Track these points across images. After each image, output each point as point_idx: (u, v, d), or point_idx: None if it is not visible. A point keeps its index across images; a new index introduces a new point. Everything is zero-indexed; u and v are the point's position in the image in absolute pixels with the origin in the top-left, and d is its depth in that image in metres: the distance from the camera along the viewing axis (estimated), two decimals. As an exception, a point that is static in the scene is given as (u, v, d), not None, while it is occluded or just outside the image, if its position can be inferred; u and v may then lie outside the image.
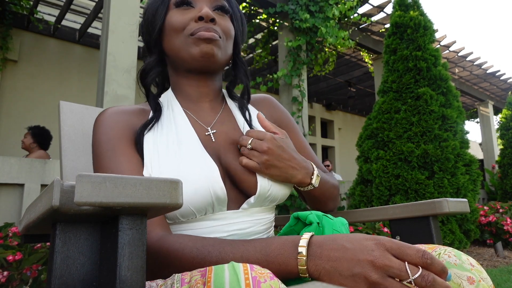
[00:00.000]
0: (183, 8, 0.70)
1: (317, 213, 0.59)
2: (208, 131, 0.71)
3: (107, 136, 0.65)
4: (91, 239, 0.41)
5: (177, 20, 0.69)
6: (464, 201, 0.85)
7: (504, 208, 4.65)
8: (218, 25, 0.70)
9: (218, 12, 0.72)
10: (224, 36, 0.71)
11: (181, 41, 0.69)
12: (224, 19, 0.72)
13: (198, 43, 0.67)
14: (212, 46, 0.67)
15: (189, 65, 0.71)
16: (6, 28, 4.56)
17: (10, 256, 1.77)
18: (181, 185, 0.38)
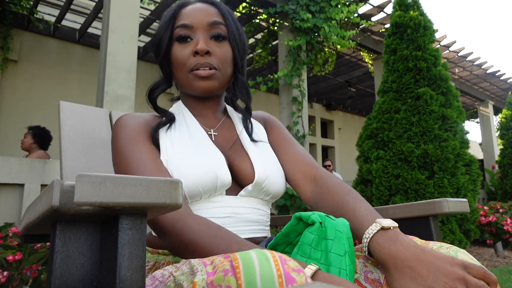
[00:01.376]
0: (183, 41, 0.77)
1: (319, 213, 0.59)
2: (211, 131, 0.80)
3: (127, 131, 0.74)
4: (91, 239, 0.41)
5: (179, 56, 0.76)
6: (464, 201, 0.85)
7: (504, 208, 4.65)
8: (214, 54, 0.76)
9: (216, 40, 0.77)
10: (221, 64, 0.76)
11: (184, 76, 0.77)
12: (221, 46, 0.77)
13: (197, 80, 0.75)
14: (210, 82, 0.75)
15: (192, 94, 0.80)
16: (6, 28, 4.56)
17: (10, 256, 1.77)
18: (181, 185, 0.38)
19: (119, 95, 2.74)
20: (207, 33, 0.76)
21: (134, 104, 2.82)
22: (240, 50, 0.80)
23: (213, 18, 0.77)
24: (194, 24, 0.76)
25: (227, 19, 0.79)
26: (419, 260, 0.51)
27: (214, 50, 0.76)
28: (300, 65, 4.30)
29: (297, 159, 0.82)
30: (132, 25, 2.91)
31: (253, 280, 0.40)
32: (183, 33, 0.76)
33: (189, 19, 0.76)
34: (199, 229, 0.59)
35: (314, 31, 4.35)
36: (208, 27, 0.76)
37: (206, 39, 0.76)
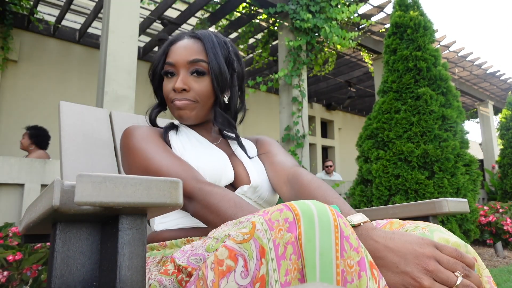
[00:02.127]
0: (168, 77, 0.87)
1: None
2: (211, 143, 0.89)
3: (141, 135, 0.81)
4: (91, 239, 0.41)
5: (164, 90, 0.88)
6: (464, 201, 0.85)
7: (504, 208, 4.65)
8: (192, 90, 0.84)
9: (194, 76, 0.85)
10: (199, 97, 0.84)
11: (168, 105, 0.89)
12: (200, 82, 0.84)
13: (175, 109, 0.86)
14: (186, 111, 0.85)
15: None
16: (6, 28, 4.56)
17: (10, 256, 1.77)
18: (181, 185, 0.38)
19: (119, 95, 2.74)
20: (187, 70, 0.85)
21: (134, 104, 2.82)
22: (220, 83, 0.85)
23: (193, 56, 0.84)
24: (176, 62, 0.85)
25: (209, 54, 0.85)
26: (388, 248, 0.52)
27: (192, 86, 0.84)
28: (300, 65, 4.30)
29: (276, 166, 0.88)
30: (132, 25, 2.91)
31: (309, 211, 0.44)
32: (168, 69, 0.86)
33: (174, 57, 0.86)
34: (225, 195, 0.65)
35: (314, 31, 4.35)
36: (188, 64, 0.84)
37: (186, 75, 0.85)
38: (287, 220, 0.43)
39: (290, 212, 0.44)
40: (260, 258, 0.42)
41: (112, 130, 1.07)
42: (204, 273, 0.43)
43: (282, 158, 0.90)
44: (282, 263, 0.41)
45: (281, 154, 0.93)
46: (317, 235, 0.42)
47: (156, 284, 0.55)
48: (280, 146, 0.98)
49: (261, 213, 0.46)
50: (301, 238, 0.42)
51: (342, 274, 0.41)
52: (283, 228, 0.43)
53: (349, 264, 0.42)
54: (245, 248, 0.42)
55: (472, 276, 0.49)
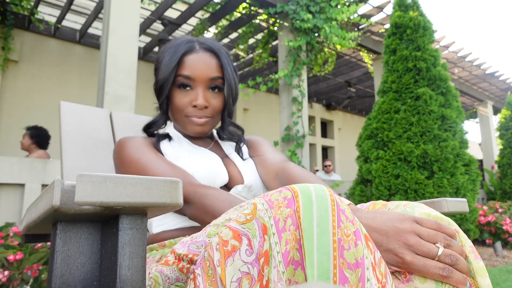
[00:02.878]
0: (183, 89, 0.85)
1: None
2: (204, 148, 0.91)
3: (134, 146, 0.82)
4: (91, 239, 0.41)
5: (178, 103, 0.85)
6: (463, 201, 0.85)
7: (503, 208, 4.65)
8: (210, 106, 0.85)
9: (213, 92, 0.86)
10: (215, 113, 0.86)
11: (180, 118, 0.86)
12: (216, 98, 0.86)
13: (193, 125, 0.85)
14: (204, 127, 0.86)
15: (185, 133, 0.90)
16: (7, 28, 4.57)
17: (11, 256, 1.78)
18: (181, 185, 0.39)
19: (119, 95, 2.74)
20: (206, 86, 0.85)
21: (134, 104, 2.82)
22: (233, 99, 0.89)
23: (213, 74, 0.85)
24: (196, 77, 0.84)
25: (226, 70, 0.86)
26: (371, 227, 0.52)
27: (211, 102, 0.85)
28: (300, 65, 4.30)
29: (265, 162, 0.89)
30: (133, 26, 2.92)
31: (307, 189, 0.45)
32: (185, 82, 0.84)
33: (191, 71, 0.84)
34: (219, 195, 0.66)
35: (314, 32, 4.36)
36: (208, 81, 0.84)
37: (205, 91, 0.85)
38: (286, 198, 0.45)
39: (289, 191, 0.46)
40: (263, 235, 0.43)
41: (112, 130, 1.07)
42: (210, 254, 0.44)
43: (271, 155, 0.92)
44: (283, 236, 0.43)
45: (270, 151, 0.94)
46: (314, 207, 0.44)
47: (158, 275, 0.55)
48: (269, 144, 0.99)
49: (262, 196, 0.48)
50: (299, 210, 0.43)
51: (339, 242, 0.42)
52: (283, 205, 0.45)
53: (346, 233, 0.43)
54: (248, 228, 0.43)
55: (454, 245, 0.50)
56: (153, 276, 0.56)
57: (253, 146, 0.99)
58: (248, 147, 1.00)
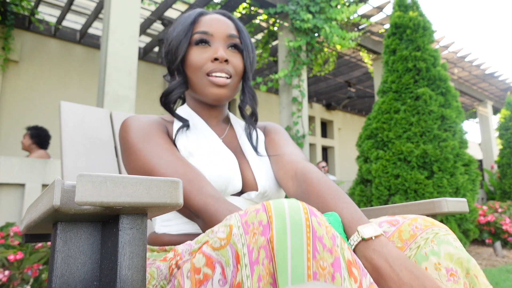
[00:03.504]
0: (202, 46, 0.80)
1: None
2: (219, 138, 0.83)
3: (142, 131, 0.74)
4: (91, 239, 0.41)
5: (196, 59, 0.79)
6: (463, 201, 0.85)
7: (503, 207, 4.65)
8: (231, 63, 0.80)
9: (232, 50, 0.82)
10: (235, 73, 0.81)
11: (199, 79, 0.80)
12: (236, 57, 0.82)
13: (212, 86, 0.79)
14: (224, 90, 0.79)
15: (203, 100, 0.83)
16: (7, 28, 4.57)
17: (11, 256, 1.78)
18: (181, 185, 0.39)
19: (119, 95, 2.74)
20: (224, 43, 0.81)
21: (134, 104, 2.82)
22: (251, 63, 0.86)
23: (231, 31, 0.82)
24: (214, 32, 0.80)
25: (242, 32, 0.85)
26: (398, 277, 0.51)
27: (230, 59, 0.81)
28: (300, 66, 4.30)
29: (282, 158, 0.82)
30: (133, 26, 2.92)
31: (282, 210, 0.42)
32: (203, 37, 0.80)
33: (209, 27, 0.81)
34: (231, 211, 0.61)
35: (314, 32, 4.36)
36: (226, 38, 0.81)
37: (224, 48, 0.81)
38: (261, 223, 0.42)
39: (265, 214, 0.43)
40: (236, 264, 0.41)
41: (112, 130, 1.07)
42: (180, 282, 0.42)
43: (289, 149, 0.85)
44: (256, 269, 0.40)
45: (289, 145, 0.87)
46: (288, 237, 0.40)
47: (154, 270, 0.56)
48: (286, 135, 0.92)
49: (242, 213, 0.45)
50: (273, 241, 0.41)
51: (314, 276, 0.40)
52: (257, 231, 0.42)
53: (322, 266, 0.40)
54: (222, 254, 0.42)
55: None
56: (149, 271, 0.56)
57: (269, 135, 0.92)
58: (265, 135, 0.93)
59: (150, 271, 0.56)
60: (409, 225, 0.61)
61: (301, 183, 0.73)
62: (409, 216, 0.64)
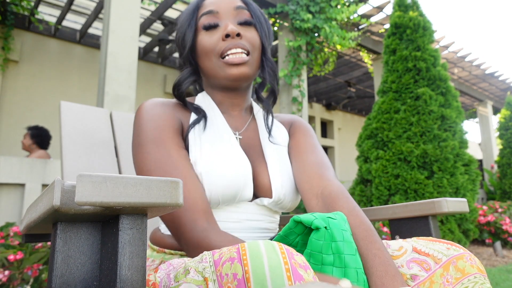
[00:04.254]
0: (210, 31, 0.74)
1: (321, 215, 0.57)
2: (236, 134, 0.77)
3: (153, 124, 0.69)
4: (91, 239, 0.41)
5: (206, 43, 0.73)
6: (463, 201, 0.85)
7: (503, 207, 4.65)
8: (245, 38, 0.73)
9: (243, 26, 0.75)
10: (252, 48, 0.74)
11: (213, 63, 0.73)
12: (249, 31, 0.75)
13: (229, 67, 0.72)
14: (243, 68, 0.72)
15: (222, 83, 0.75)
16: (7, 28, 4.57)
17: (11, 256, 1.78)
18: (181, 185, 0.39)
19: (119, 95, 2.74)
20: (233, 18, 0.75)
21: (134, 104, 2.82)
22: (266, 35, 0.79)
23: (237, 3, 0.76)
24: (220, 9, 0.74)
25: (250, 5, 0.78)
26: None
27: (244, 34, 0.74)
28: (300, 65, 4.30)
29: (309, 169, 0.74)
30: (133, 26, 2.92)
31: (261, 270, 0.39)
32: (210, 20, 0.74)
33: (213, 5, 0.75)
34: (222, 245, 0.58)
35: (314, 32, 4.36)
36: (234, 11, 0.75)
37: (234, 23, 0.74)
38: (236, 276, 0.40)
39: (240, 266, 0.40)
40: None
41: (112, 130, 1.07)
42: None
43: (317, 158, 0.76)
44: None
45: (317, 152, 0.78)
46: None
47: None
48: (315, 137, 0.83)
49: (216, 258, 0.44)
50: None
51: None
52: (232, 285, 0.40)
53: None
54: None
55: None
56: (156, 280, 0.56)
57: (295, 136, 0.83)
58: (291, 132, 0.84)
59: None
60: (441, 275, 0.57)
61: (328, 206, 0.68)
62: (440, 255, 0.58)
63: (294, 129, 0.84)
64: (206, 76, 0.78)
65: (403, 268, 0.59)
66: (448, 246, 0.59)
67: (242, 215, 0.70)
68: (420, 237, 0.65)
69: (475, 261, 0.57)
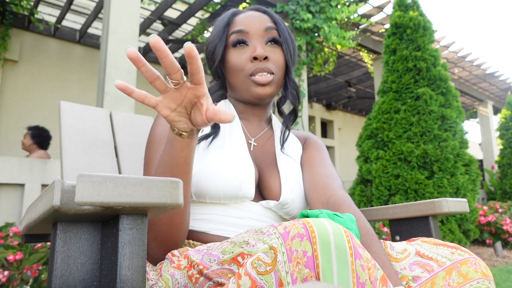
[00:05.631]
0: (239, 47, 0.78)
1: (327, 212, 0.59)
2: (251, 140, 0.82)
3: (163, 126, 0.75)
4: (91, 239, 0.41)
5: (235, 62, 0.77)
6: (463, 201, 0.85)
7: (503, 208, 4.65)
8: (271, 60, 0.77)
9: (271, 45, 0.79)
10: (277, 69, 0.78)
11: (241, 81, 0.78)
12: (276, 52, 0.79)
13: (256, 86, 0.76)
14: (268, 88, 0.77)
15: (247, 99, 0.80)
16: (6, 28, 4.56)
17: (11, 256, 1.77)
18: (181, 185, 0.38)
19: (119, 95, 2.74)
20: (262, 39, 0.79)
21: (134, 104, 2.82)
22: (292, 55, 0.82)
23: (267, 24, 0.79)
24: (249, 30, 0.78)
25: (279, 25, 0.81)
26: None
27: (270, 56, 0.78)
28: (300, 65, 4.30)
29: (317, 180, 0.78)
30: (133, 26, 2.91)
31: (328, 249, 0.42)
32: (239, 38, 0.78)
33: (244, 25, 0.79)
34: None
35: (314, 31, 4.36)
36: (263, 33, 0.79)
37: (262, 44, 0.78)
38: (305, 254, 0.43)
39: (309, 245, 0.43)
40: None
41: (112, 130, 1.07)
42: None
43: (327, 171, 0.80)
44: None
45: (327, 165, 0.83)
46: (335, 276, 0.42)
47: (169, 277, 0.56)
48: (327, 153, 0.89)
49: (282, 231, 0.45)
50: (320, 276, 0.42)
51: None
52: (301, 262, 0.42)
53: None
54: (265, 280, 0.42)
55: None
56: (163, 278, 0.56)
57: (308, 149, 0.87)
58: (304, 147, 0.89)
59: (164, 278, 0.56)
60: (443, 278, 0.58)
61: None
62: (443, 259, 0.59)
63: (307, 144, 0.89)
64: (232, 89, 0.82)
65: (406, 270, 0.60)
66: (452, 251, 0.59)
67: (245, 213, 0.72)
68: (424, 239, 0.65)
69: (479, 266, 0.57)
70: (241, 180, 0.71)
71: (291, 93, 0.82)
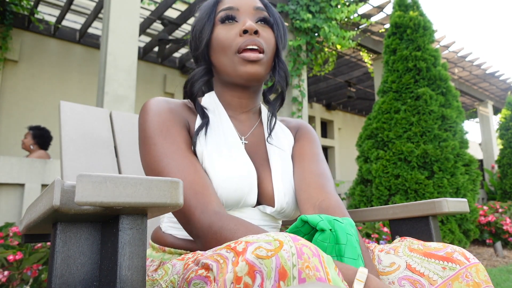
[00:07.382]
0: (228, 23, 0.74)
1: (327, 217, 0.57)
2: (242, 139, 0.77)
3: (160, 118, 0.69)
4: (91, 239, 0.41)
5: (223, 37, 0.73)
6: (463, 201, 0.85)
7: (503, 208, 4.65)
8: (261, 37, 0.74)
9: (261, 24, 0.76)
10: (267, 48, 0.74)
11: (229, 59, 0.73)
12: (266, 31, 0.76)
13: (244, 63, 0.71)
14: (258, 66, 0.72)
15: (234, 81, 0.75)
16: (6, 28, 4.56)
17: (11, 256, 1.77)
18: (181, 185, 0.38)
19: (119, 95, 2.74)
20: (252, 17, 0.75)
21: (134, 104, 2.82)
22: (282, 38, 0.79)
23: (257, 4, 0.77)
24: (240, 7, 0.75)
25: (269, 8, 0.79)
26: None
27: (261, 33, 0.74)
28: (300, 65, 4.30)
29: (309, 178, 0.75)
30: (132, 25, 2.91)
31: None
32: (229, 13, 0.74)
33: (234, 3, 0.75)
34: (237, 229, 0.56)
35: (314, 31, 4.36)
36: (253, 11, 0.76)
37: (253, 21, 0.75)
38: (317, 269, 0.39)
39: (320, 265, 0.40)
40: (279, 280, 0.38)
41: (112, 130, 1.07)
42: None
43: (318, 170, 0.77)
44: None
45: (319, 161, 0.79)
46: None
47: (170, 266, 0.56)
48: (319, 146, 0.84)
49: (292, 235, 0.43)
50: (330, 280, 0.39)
51: None
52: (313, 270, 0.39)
53: None
54: (265, 264, 0.38)
55: None
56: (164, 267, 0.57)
57: (300, 142, 0.83)
58: (296, 137, 0.85)
59: (165, 267, 0.56)
60: None
61: None
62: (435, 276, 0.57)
63: (300, 135, 0.85)
64: (218, 73, 0.77)
65: (394, 285, 0.58)
66: (444, 265, 0.57)
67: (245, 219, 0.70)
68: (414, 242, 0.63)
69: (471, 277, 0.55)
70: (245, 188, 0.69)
71: (279, 75, 0.78)
